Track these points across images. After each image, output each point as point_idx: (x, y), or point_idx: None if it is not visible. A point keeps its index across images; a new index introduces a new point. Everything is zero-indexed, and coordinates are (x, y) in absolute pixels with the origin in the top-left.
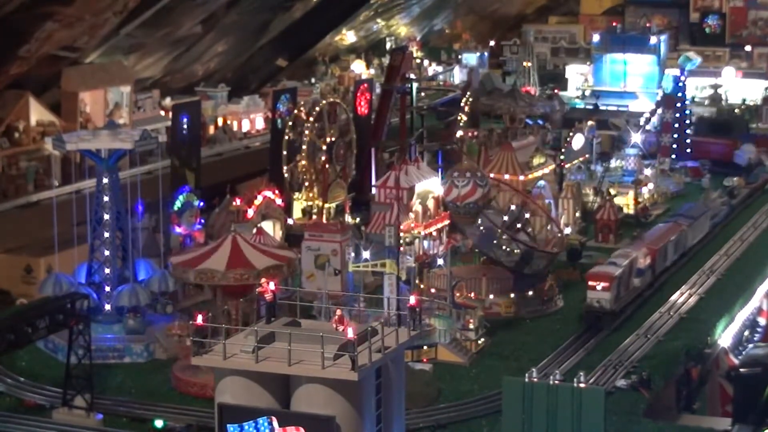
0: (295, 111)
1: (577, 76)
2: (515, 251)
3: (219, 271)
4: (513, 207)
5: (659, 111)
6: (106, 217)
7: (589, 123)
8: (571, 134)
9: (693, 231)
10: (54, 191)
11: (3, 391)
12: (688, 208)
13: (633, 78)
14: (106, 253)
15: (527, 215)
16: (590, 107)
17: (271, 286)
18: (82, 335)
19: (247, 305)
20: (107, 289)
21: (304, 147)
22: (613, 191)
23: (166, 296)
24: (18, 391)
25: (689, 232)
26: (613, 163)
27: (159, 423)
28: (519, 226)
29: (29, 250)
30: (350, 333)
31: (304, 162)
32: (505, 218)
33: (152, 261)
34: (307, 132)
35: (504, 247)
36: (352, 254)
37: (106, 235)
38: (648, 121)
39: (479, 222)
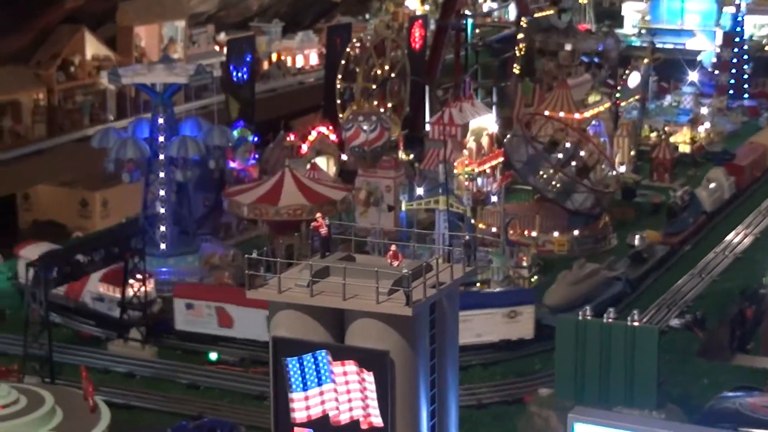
0: (348, 49)
1: (633, 13)
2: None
3: (306, 205)
4: (568, 145)
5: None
6: (161, 139)
7: (645, 61)
8: (627, 72)
9: None
10: (109, 125)
11: (60, 323)
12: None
13: (690, 15)
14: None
15: (582, 153)
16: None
17: (326, 221)
18: (137, 268)
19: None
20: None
21: (355, 92)
22: (668, 129)
23: (218, 150)
24: (74, 323)
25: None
26: (667, 101)
27: (213, 356)
28: (580, 165)
29: (85, 184)
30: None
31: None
32: (560, 156)
33: (198, 120)
34: (358, 72)
35: (546, 178)
36: (405, 195)
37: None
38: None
39: (527, 149)
